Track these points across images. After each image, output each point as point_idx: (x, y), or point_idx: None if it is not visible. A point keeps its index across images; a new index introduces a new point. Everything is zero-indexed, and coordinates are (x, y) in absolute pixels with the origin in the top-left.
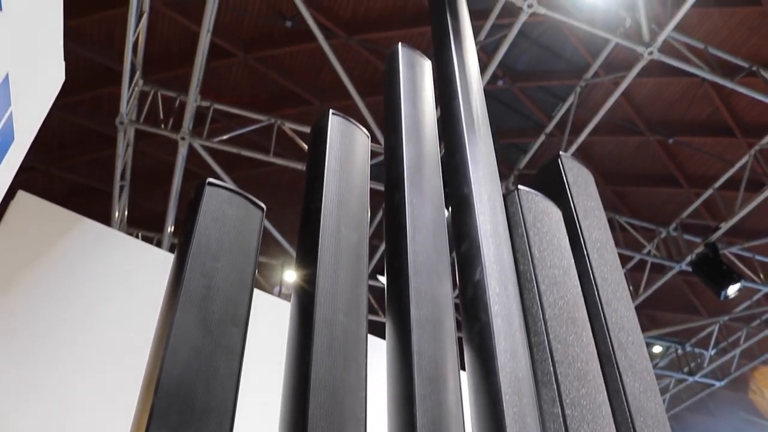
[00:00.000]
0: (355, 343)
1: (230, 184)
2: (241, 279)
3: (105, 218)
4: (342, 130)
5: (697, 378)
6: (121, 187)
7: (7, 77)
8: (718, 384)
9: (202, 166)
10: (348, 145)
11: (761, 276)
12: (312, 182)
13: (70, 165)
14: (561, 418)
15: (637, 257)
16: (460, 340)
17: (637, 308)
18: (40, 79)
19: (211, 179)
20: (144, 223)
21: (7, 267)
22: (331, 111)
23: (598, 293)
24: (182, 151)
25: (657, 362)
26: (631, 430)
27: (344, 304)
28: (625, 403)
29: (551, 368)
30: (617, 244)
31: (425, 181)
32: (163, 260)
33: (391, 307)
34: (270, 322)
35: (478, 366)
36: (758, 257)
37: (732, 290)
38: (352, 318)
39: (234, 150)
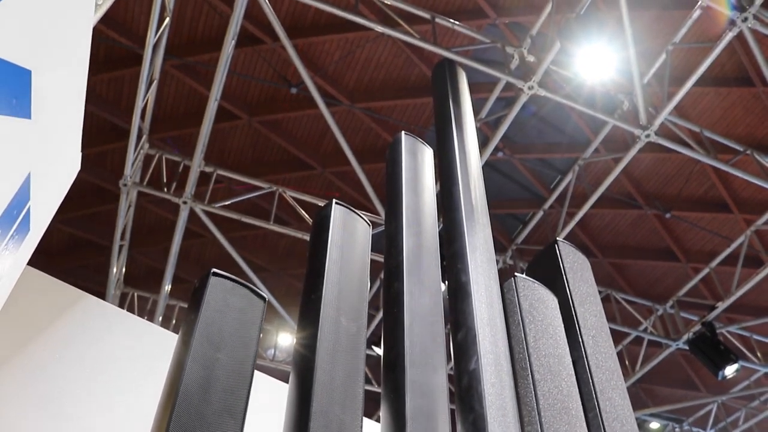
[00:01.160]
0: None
1: (233, 276)
2: (240, 370)
3: (101, 272)
4: (344, 220)
5: None
6: (120, 247)
7: (29, 176)
8: None
9: (200, 225)
10: (349, 236)
11: (759, 356)
12: (313, 272)
13: (70, 218)
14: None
15: (634, 334)
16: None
17: (635, 383)
18: (58, 171)
19: (215, 270)
20: (140, 281)
21: (11, 342)
22: (334, 201)
23: (592, 381)
24: (183, 215)
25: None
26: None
27: (340, 397)
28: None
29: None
30: (613, 320)
31: (424, 272)
32: (163, 339)
33: (387, 398)
34: (269, 406)
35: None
36: (756, 336)
37: (730, 371)
38: (348, 412)
39: (235, 216)
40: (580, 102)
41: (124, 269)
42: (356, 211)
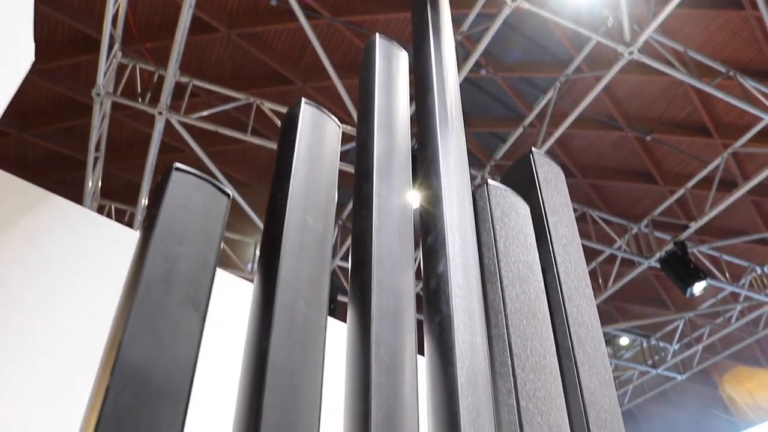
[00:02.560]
0: (315, 332)
1: (197, 171)
2: (203, 264)
3: (78, 187)
4: (314, 120)
5: (659, 371)
6: (96, 159)
7: None
8: (680, 377)
9: (180, 140)
10: (319, 136)
11: (727, 275)
12: (280, 171)
13: (44, 132)
14: (516, 410)
15: (608, 252)
16: (421, 331)
17: (607, 300)
18: (8, 61)
19: (178, 164)
20: (118, 195)
21: None
22: (303, 99)
23: (560, 289)
24: (159, 126)
25: (623, 354)
26: (584, 423)
27: (305, 293)
28: (580, 397)
29: (509, 361)
30: (589, 238)
31: (394, 174)
32: (134, 240)
33: (354, 297)
34: (235, 304)
35: (436, 357)
36: (725, 257)
37: (698, 288)
38: (312, 306)
39: (211, 127)
40: (565, 17)
41: (100, 183)
42: (326, 111)
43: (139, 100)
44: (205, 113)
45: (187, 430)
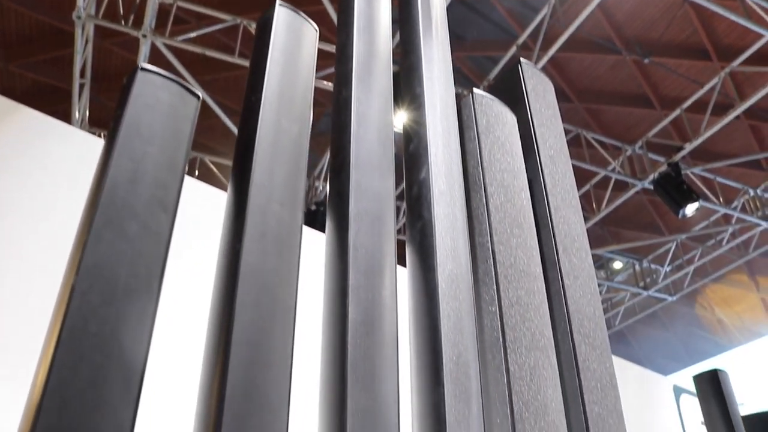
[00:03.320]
0: (289, 233)
1: (168, 73)
2: (171, 164)
3: (66, 118)
4: (289, 23)
5: (651, 292)
6: (81, 86)
7: None
8: (670, 299)
9: (170, 68)
10: (294, 38)
11: (720, 198)
12: (254, 74)
13: (30, 63)
14: (498, 317)
15: (602, 173)
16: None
17: (602, 225)
18: None
19: (144, 65)
20: (107, 124)
21: None
22: (278, 2)
23: (547, 199)
24: (144, 50)
25: (616, 277)
26: (568, 331)
27: (280, 195)
28: (565, 306)
29: (492, 269)
30: (583, 159)
31: (374, 78)
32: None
33: (332, 201)
34: (216, 217)
35: (417, 263)
36: (719, 179)
37: (690, 209)
38: (286, 208)
39: (198, 50)
40: None
41: (88, 112)
42: (303, 14)
43: (122, 22)
44: (192, 35)
45: (162, 330)
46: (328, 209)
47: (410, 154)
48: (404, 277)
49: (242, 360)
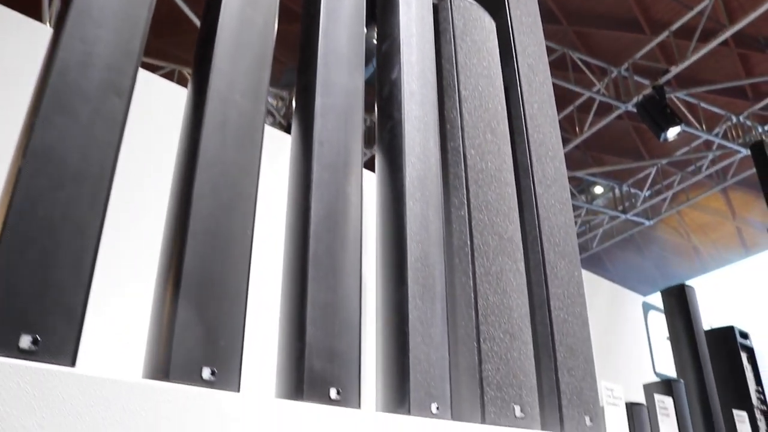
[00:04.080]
0: (251, 125)
1: None
2: (126, 49)
3: (37, 15)
4: None
5: (628, 216)
6: None
7: None
8: (647, 223)
9: None
10: None
11: (703, 125)
12: None
13: None
14: (467, 221)
15: (586, 95)
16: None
17: (585, 149)
18: None
19: None
20: None
21: None
22: None
23: (523, 107)
24: None
25: (596, 201)
26: (538, 238)
27: (242, 85)
28: (536, 214)
29: (463, 173)
30: (568, 81)
31: None
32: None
33: (298, 96)
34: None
35: (385, 163)
36: (703, 104)
37: (672, 133)
38: (249, 99)
39: None
40: None
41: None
42: None
43: None
44: None
45: (116, 216)
46: (295, 105)
47: (383, 54)
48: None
49: (199, 249)
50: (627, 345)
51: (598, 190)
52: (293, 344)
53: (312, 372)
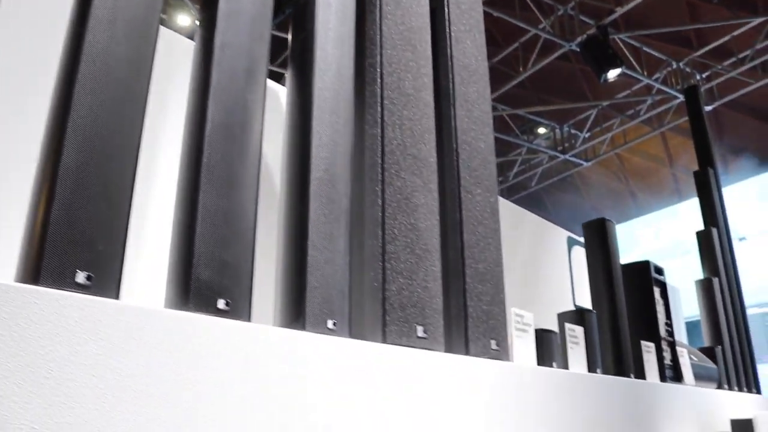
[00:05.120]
0: (145, 22)
1: None
2: None
3: None
4: None
5: (567, 156)
6: None
7: None
8: (585, 164)
9: None
10: None
11: (645, 70)
12: None
13: None
14: (380, 139)
15: (532, 32)
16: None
17: (533, 90)
18: None
19: None
20: None
21: None
22: None
23: (448, 26)
24: None
25: (538, 141)
26: (455, 162)
27: None
28: (454, 136)
29: (379, 90)
30: (514, 17)
31: None
32: None
33: (203, 2)
34: None
35: (296, 76)
36: (646, 48)
37: (612, 74)
38: None
39: None
40: None
41: None
42: None
43: None
44: None
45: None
46: (200, 10)
47: None
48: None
49: (78, 148)
50: (550, 278)
51: (542, 130)
52: (182, 253)
53: (199, 282)
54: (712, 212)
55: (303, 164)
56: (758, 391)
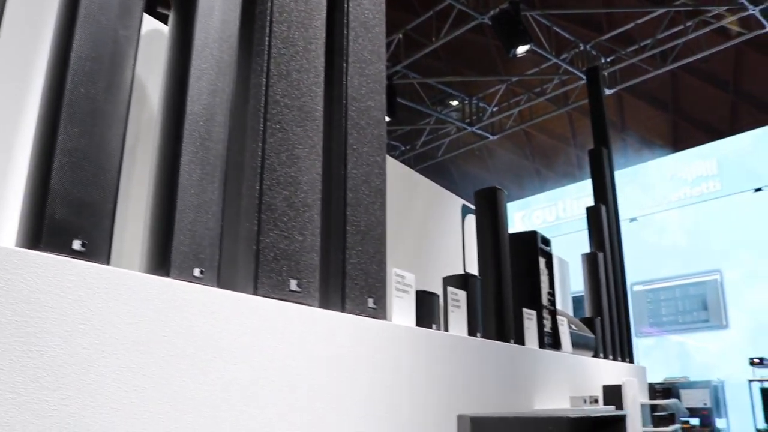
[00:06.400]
0: None
1: None
2: None
3: None
4: None
5: (474, 129)
6: None
7: None
8: (491, 137)
9: None
10: None
11: (554, 49)
12: None
13: None
14: (264, 89)
15: (447, 2)
16: None
17: (447, 61)
18: None
19: None
20: None
21: None
22: None
23: None
24: None
25: (448, 114)
26: (343, 114)
27: None
28: (344, 92)
29: (267, 40)
30: None
31: None
32: None
33: None
34: None
35: (178, 16)
36: (556, 28)
37: (521, 50)
38: None
39: None
40: None
41: None
42: None
43: None
44: None
45: None
46: None
47: None
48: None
49: None
50: (443, 244)
51: (455, 102)
52: (37, 191)
53: (53, 221)
54: (603, 190)
55: (178, 103)
56: (632, 361)
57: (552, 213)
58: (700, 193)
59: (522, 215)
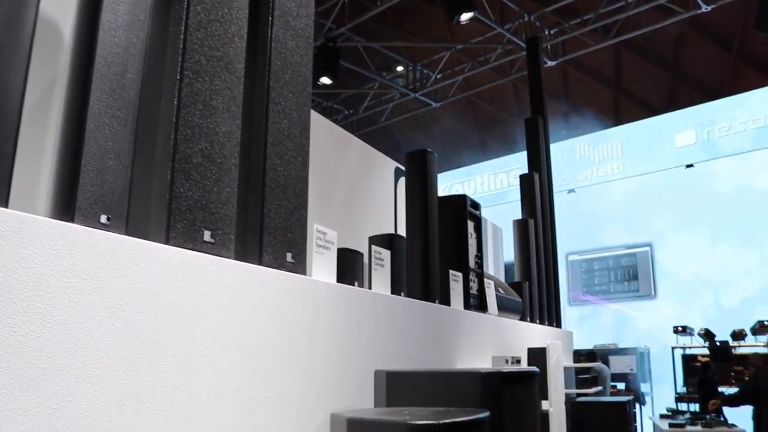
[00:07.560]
0: None
1: None
2: None
3: None
4: None
5: (417, 95)
6: None
7: None
8: (434, 104)
9: None
10: None
11: (500, 18)
12: None
13: None
14: (182, 38)
15: None
16: None
17: (396, 28)
18: None
19: None
20: None
21: None
22: None
23: None
24: None
25: (394, 78)
26: (267, 67)
27: None
28: (268, 45)
29: None
30: None
31: None
32: None
33: None
34: None
35: None
36: None
37: (465, 17)
38: None
39: None
40: None
41: None
42: None
43: None
44: None
45: None
46: None
47: None
48: None
49: None
50: (374, 205)
51: (400, 68)
52: None
53: None
54: (537, 159)
55: (89, 44)
56: (559, 325)
57: (499, 181)
58: (637, 167)
59: (466, 183)
